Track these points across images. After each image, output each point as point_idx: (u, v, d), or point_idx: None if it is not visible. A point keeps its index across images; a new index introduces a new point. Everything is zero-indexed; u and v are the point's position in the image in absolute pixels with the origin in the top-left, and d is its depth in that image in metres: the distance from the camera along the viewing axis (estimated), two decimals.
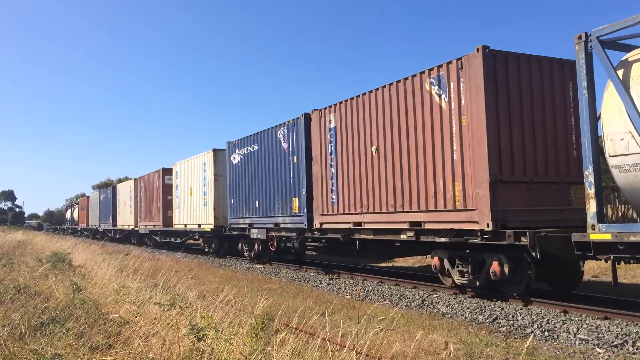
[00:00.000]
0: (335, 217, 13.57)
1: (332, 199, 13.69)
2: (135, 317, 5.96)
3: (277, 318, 6.42)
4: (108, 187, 44.86)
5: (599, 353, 6.57)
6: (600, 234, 7.23)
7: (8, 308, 6.43)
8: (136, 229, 32.90)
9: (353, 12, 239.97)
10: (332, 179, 13.75)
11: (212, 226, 21.56)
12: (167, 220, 26.93)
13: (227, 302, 7.09)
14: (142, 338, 5.13)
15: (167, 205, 26.94)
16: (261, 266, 17.88)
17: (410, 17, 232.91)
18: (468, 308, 9.34)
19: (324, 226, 14.13)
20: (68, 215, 73.08)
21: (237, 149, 19.43)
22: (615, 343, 6.87)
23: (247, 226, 18.66)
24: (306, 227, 14.89)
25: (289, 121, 15.97)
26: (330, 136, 13.85)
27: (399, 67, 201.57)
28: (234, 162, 19.70)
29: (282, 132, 16.26)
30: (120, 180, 68.69)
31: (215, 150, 21.71)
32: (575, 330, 7.52)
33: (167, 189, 27.09)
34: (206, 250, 23.19)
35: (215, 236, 21.98)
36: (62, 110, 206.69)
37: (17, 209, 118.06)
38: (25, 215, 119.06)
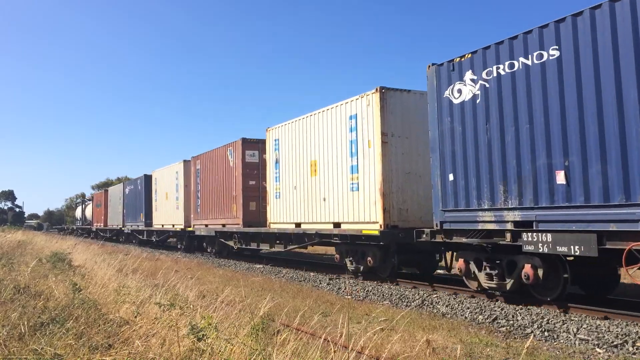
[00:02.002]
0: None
1: None
2: (135, 317, 5.96)
3: (277, 318, 6.42)
4: (136, 178, 34.23)
5: (599, 353, 6.57)
6: None
7: (8, 308, 6.43)
8: (190, 229, 24.23)
9: (355, 11, 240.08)
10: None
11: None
12: (251, 216, 18.95)
13: (228, 303, 7.09)
14: (141, 338, 5.13)
15: (250, 194, 19.08)
16: (261, 266, 17.89)
17: (407, 15, 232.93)
18: (468, 308, 9.34)
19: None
20: (78, 213, 62.81)
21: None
22: (615, 343, 6.87)
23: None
24: None
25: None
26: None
27: (404, 65, 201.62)
28: None
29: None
30: (120, 180, 67.97)
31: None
32: (575, 330, 7.52)
33: (251, 170, 19.31)
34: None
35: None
36: (62, 110, 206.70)
37: (17, 209, 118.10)
38: (25, 215, 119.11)
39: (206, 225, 22.44)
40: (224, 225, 20.62)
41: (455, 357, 5.95)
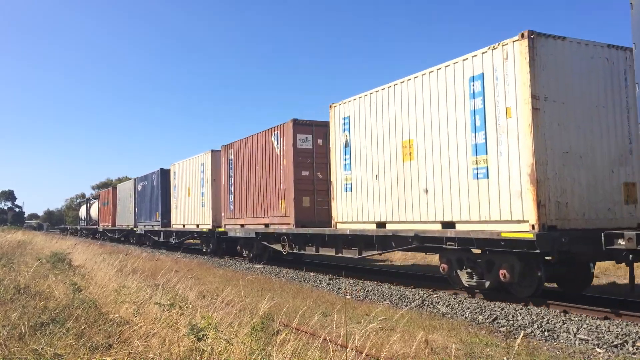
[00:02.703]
0: None
1: None
2: (135, 317, 5.96)
3: (277, 318, 6.42)
4: (151, 173, 30.17)
5: (599, 353, 6.57)
6: None
7: (8, 308, 6.43)
8: (221, 229, 21.05)
9: (355, 11, 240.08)
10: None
11: None
12: (304, 213, 15.73)
13: (228, 303, 7.09)
14: (141, 338, 5.13)
15: (303, 188, 15.85)
16: (261, 266, 17.89)
17: (409, 14, 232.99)
18: (468, 308, 9.34)
19: None
20: (82, 212, 58.63)
21: None
22: (615, 343, 6.87)
23: None
24: None
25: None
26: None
27: (403, 65, 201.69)
28: None
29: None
30: (120, 180, 67.58)
31: None
32: (575, 330, 7.52)
33: (304, 158, 15.94)
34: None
35: None
36: (62, 110, 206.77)
37: (17, 209, 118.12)
38: (25, 215, 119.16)
39: (242, 226, 19.07)
40: (267, 226, 17.20)
41: (454, 357, 5.95)
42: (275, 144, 16.86)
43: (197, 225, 23.45)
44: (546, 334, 7.56)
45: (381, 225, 12.00)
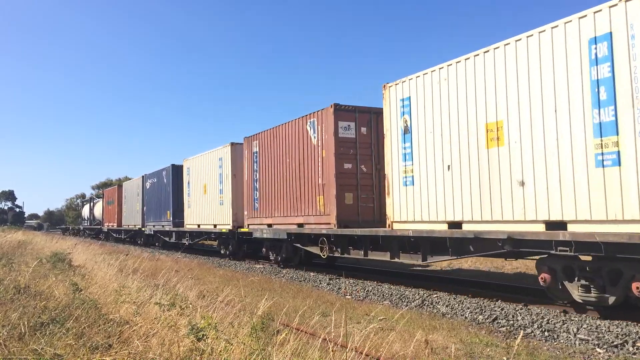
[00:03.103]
0: None
1: None
2: (135, 317, 5.96)
3: (278, 318, 6.43)
4: (161, 169, 28.22)
5: (599, 353, 6.57)
6: None
7: (8, 308, 6.43)
8: (244, 230, 19.06)
9: (355, 11, 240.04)
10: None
11: None
12: (347, 212, 13.78)
13: (228, 303, 7.09)
14: (141, 338, 5.13)
15: (346, 183, 13.87)
16: (261, 266, 17.89)
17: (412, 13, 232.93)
18: (468, 308, 9.34)
19: None
20: (85, 212, 55.83)
21: None
22: (615, 343, 6.87)
23: None
24: None
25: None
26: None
27: (403, 65, 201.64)
28: None
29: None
30: (120, 181, 67.59)
31: None
32: (575, 330, 7.51)
33: (346, 149, 13.95)
34: None
35: None
36: (62, 110, 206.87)
37: (17, 209, 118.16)
38: (25, 215, 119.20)
39: (269, 226, 17.04)
40: (300, 226, 15.15)
41: (454, 357, 5.95)
42: (311, 133, 14.74)
43: (215, 226, 21.54)
44: (546, 334, 7.56)
45: (455, 225, 9.98)
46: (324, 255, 14.24)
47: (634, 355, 6.48)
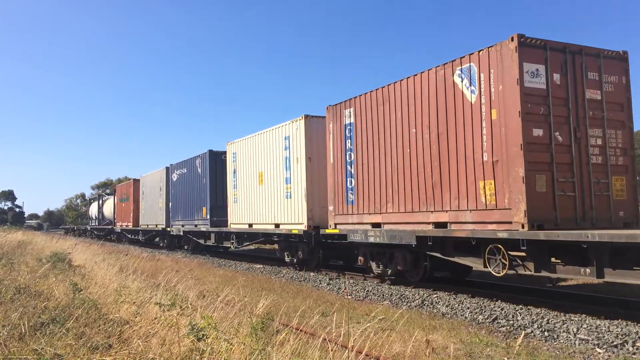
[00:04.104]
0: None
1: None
2: (135, 317, 5.97)
3: (278, 318, 6.43)
4: (193, 157, 23.65)
5: (599, 353, 6.58)
6: None
7: (8, 308, 6.43)
8: (331, 231, 13.97)
9: (355, 8, 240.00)
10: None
11: None
12: (539, 203, 8.71)
13: (228, 302, 7.09)
14: (142, 338, 5.13)
15: (537, 160, 8.85)
16: (261, 266, 17.87)
17: (411, 11, 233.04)
18: (468, 308, 9.34)
19: None
20: (92, 210, 49.68)
21: None
22: (615, 343, 6.87)
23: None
24: None
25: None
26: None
27: (402, 64, 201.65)
28: None
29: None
30: (120, 181, 67.27)
31: None
32: (575, 330, 7.52)
33: (534, 106, 8.87)
34: None
35: None
36: (62, 110, 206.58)
37: (17, 209, 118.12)
38: (25, 215, 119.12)
39: (376, 226, 12.24)
40: (440, 226, 10.42)
41: (454, 357, 5.95)
42: (463, 86, 9.88)
43: (277, 225, 16.65)
44: (546, 334, 7.56)
45: None
46: (497, 273, 9.27)
47: (634, 355, 6.48)
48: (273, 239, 17.85)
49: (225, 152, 20.90)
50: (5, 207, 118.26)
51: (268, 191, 17.41)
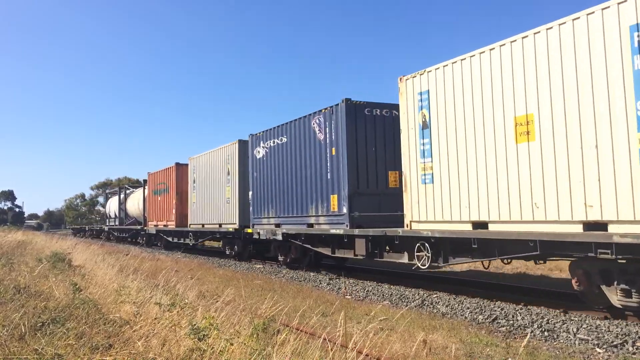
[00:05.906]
0: None
1: None
2: (136, 317, 5.97)
3: (278, 318, 6.43)
4: (302, 117, 14.81)
5: (599, 353, 6.58)
6: None
7: (8, 308, 6.43)
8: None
9: (355, 11, 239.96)
10: None
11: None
12: None
13: (228, 302, 7.10)
14: (142, 338, 5.13)
15: None
16: (261, 266, 17.88)
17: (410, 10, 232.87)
18: (468, 308, 9.35)
19: None
20: (111, 207, 40.41)
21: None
22: (615, 343, 6.87)
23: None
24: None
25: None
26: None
27: (403, 64, 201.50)
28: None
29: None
30: (120, 181, 67.00)
31: None
32: (575, 330, 7.52)
33: None
34: None
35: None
36: (62, 110, 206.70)
37: (17, 209, 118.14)
38: (25, 215, 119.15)
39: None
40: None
41: (454, 357, 5.95)
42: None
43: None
44: (546, 333, 7.57)
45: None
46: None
47: (634, 355, 6.48)
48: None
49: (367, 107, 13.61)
50: (5, 207, 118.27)
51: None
